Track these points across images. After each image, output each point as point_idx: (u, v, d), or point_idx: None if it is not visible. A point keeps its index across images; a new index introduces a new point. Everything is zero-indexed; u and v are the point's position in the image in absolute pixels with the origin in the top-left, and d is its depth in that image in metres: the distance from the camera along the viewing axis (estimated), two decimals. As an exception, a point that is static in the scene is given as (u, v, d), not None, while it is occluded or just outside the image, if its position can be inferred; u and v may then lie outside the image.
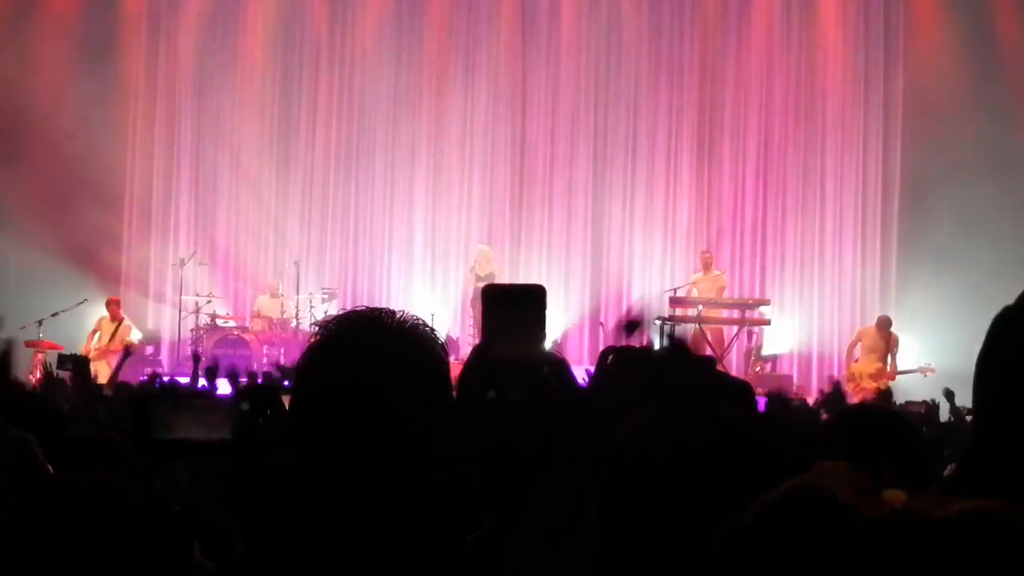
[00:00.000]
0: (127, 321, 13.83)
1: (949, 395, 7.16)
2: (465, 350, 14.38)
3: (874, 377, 12.81)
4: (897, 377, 13.00)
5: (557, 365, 1.94)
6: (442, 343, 1.64)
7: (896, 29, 15.21)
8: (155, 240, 15.64)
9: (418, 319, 1.65)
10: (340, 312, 1.68)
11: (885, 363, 13.16)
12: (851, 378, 12.93)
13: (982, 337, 1.48)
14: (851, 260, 15.19)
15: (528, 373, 1.40)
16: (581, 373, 1.85)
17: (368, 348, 1.59)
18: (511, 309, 1.40)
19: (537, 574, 1.59)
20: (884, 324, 13.45)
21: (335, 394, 1.58)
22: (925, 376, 12.68)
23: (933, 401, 7.21)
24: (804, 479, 1.25)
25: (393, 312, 1.64)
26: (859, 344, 13.58)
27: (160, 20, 15.69)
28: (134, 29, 15.46)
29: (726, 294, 14.27)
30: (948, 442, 4.61)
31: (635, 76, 15.60)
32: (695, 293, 14.05)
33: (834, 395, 6.62)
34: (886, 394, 9.16)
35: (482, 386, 1.40)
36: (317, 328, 1.66)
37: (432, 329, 1.65)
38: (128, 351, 8.22)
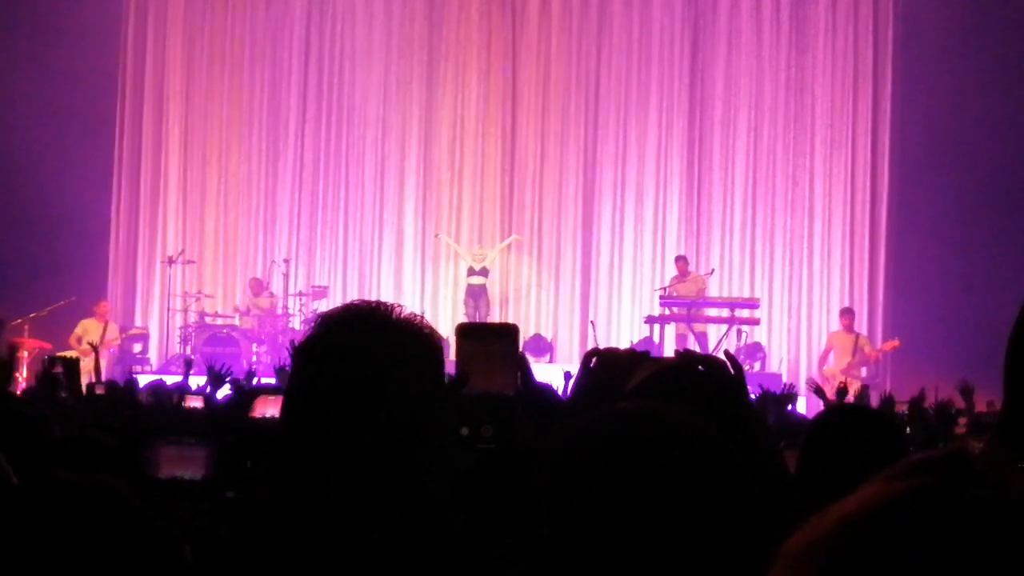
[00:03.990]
0: (112, 325, 13.78)
1: (966, 392, 6.48)
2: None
3: (845, 371, 12.98)
4: (872, 357, 13.42)
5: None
6: (439, 338, 1.64)
7: (885, 28, 15.27)
8: (143, 237, 15.62)
9: (415, 314, 1.64)
10: (338, 306, 1.68)
11: (854, 356, 13.41)
12: (826, 380, 13.06)
13: (972, 332, 1.48)
14: (840, 259, 15.26)
15: (500, 409, 1.40)
16: (573, 372, 1.86)
17: (365, 344, 1.58)
18: (484, 346, 1.42)
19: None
20: (849, 315, 13.80)
21: (330, 391, 1.57)
22: (893, 348, 13.44)
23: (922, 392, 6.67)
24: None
25: (390, 306, 1.63)
26: (832, 351, 13.84)
27: (147, 16, 15.65)
28: (120, 23, 15.41)
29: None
30: (934, 442, 4.62)
31: (625, 76, 15.63)
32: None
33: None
34: (862, 394, 9.18)
35: (454, 421, 1.41)
36: (314, 322, 1.64)
37: (430, 327, 1.63)
38: (95, 349, 8.19)
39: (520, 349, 1.44)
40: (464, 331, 1.46)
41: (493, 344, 1.44)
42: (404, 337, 1.60)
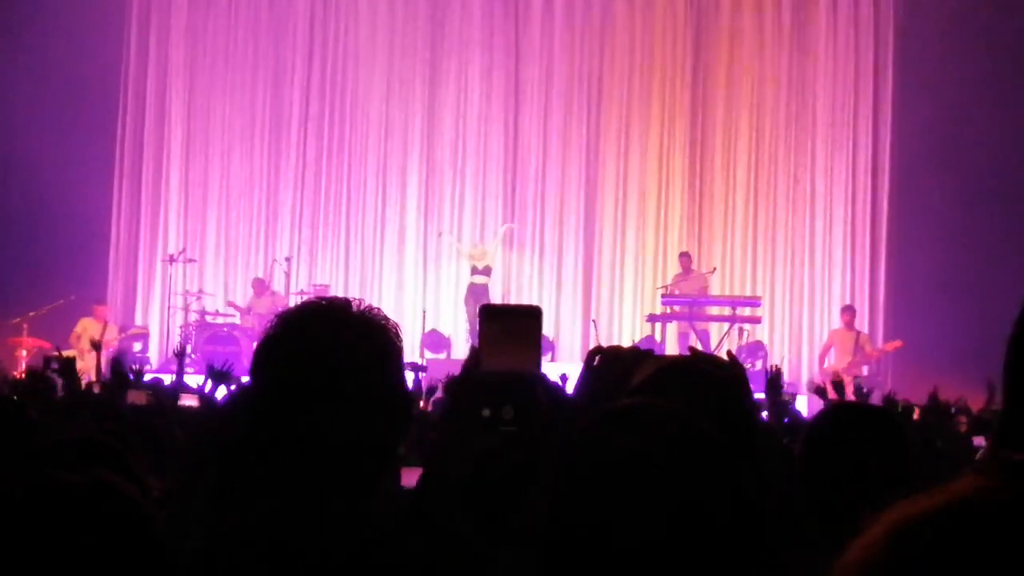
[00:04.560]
0: (112, 325, 13.78)
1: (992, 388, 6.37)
2: (457, 348, 14.38)
3: (846, 371, 12.99)
4: (872, 356, 13.47)
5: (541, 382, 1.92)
6: (395, 331, 1.65)
7: (886, 29, 15.27)
8: (144, 236, 15.62)
9: (372, 307, 1.65)
10: (295, 305, 1.69)
11: (855, 354, 13.45)
12: (826, 378, 13.11)
13: (972, 331, 1.47)
14: (841, 258, 15.26)
15: (521, 391, 1.41)
16: (576, 371, 1.86)
17: (322, 340, 1.59)
18: (507, 328, 1.44)
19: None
20: (850, 312, 13.83)
21: (291, 389, 1.57)
22: (895, 349, 13.46)
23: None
24: None
25: (347, 301, 1.65)
26: (832, 347, 13.88)
27: (150, 15, 15.65)
28: (123, 23, 15.42)
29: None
30: (934, 439, 4.63)
31: (628, 75, 15.62)
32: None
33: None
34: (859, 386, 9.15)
35: (475, 403, 1.41)
36: (274, 320, 1.65)
37: (386, 317, 1.65)
38: (97, 347, 8.19)
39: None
40: (488, 312, 1.49)
41: (517, 324, 1.46)
42: (361, 331, 1.61)
